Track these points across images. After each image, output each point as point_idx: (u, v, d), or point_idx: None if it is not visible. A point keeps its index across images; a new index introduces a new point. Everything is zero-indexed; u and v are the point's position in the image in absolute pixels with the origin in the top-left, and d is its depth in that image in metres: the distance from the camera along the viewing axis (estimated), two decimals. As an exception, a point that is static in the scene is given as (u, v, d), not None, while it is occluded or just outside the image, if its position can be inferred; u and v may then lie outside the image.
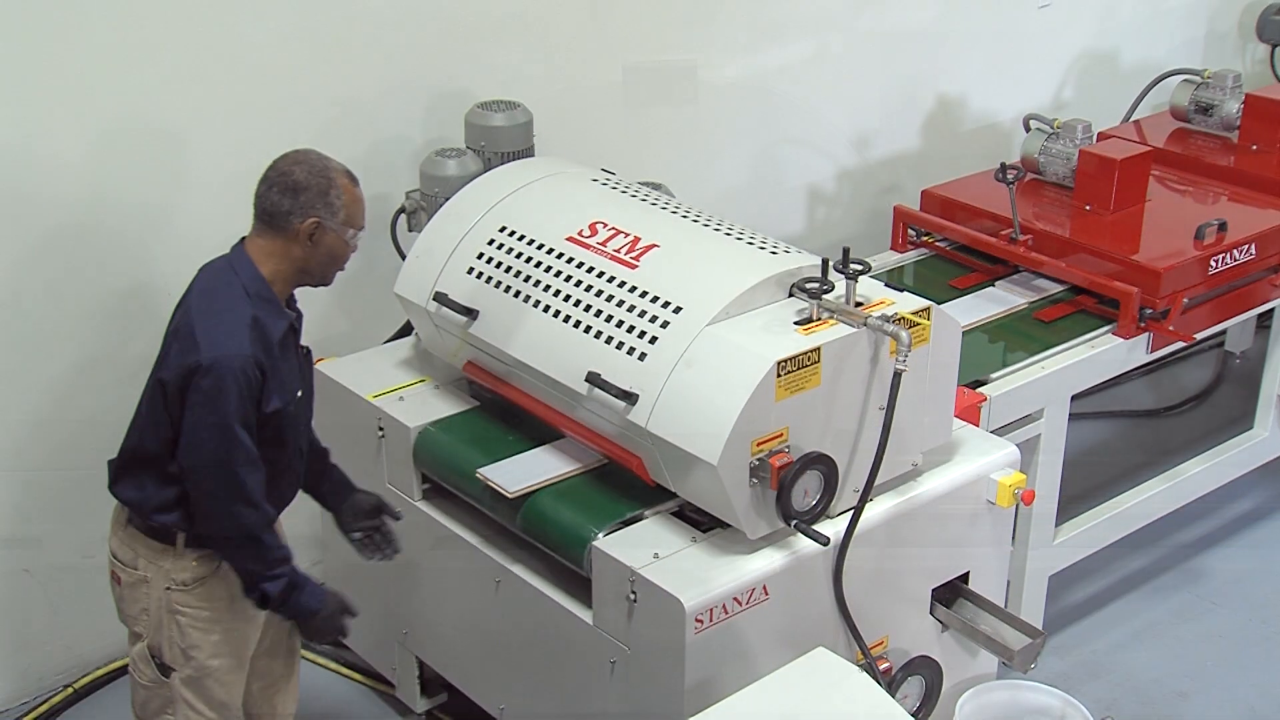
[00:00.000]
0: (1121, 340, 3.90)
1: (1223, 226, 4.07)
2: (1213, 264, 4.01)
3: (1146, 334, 3.93)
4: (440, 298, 3.29)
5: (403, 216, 3.85)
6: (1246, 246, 4.07)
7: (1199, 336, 4.07)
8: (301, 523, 4.05)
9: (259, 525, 2.79)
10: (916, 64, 5.08)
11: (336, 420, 3.55)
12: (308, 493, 3.13)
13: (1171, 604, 4.31)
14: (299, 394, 2.89)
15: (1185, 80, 4.90)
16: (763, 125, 4.76)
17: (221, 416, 2.69)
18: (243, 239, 2.86)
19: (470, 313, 3.23)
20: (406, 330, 3.77)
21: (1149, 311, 3.90)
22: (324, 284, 2.91)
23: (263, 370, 2.74)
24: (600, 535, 2.93)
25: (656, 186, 3.71)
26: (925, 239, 4.42)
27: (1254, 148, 4.65)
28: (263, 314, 2.77)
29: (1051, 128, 4.46)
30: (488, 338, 3.21)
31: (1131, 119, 5.14)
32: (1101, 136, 4.67)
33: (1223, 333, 5.29)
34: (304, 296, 3.92)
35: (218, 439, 2.70)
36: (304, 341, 3.81)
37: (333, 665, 3.91)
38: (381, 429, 3.39)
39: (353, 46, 3.84)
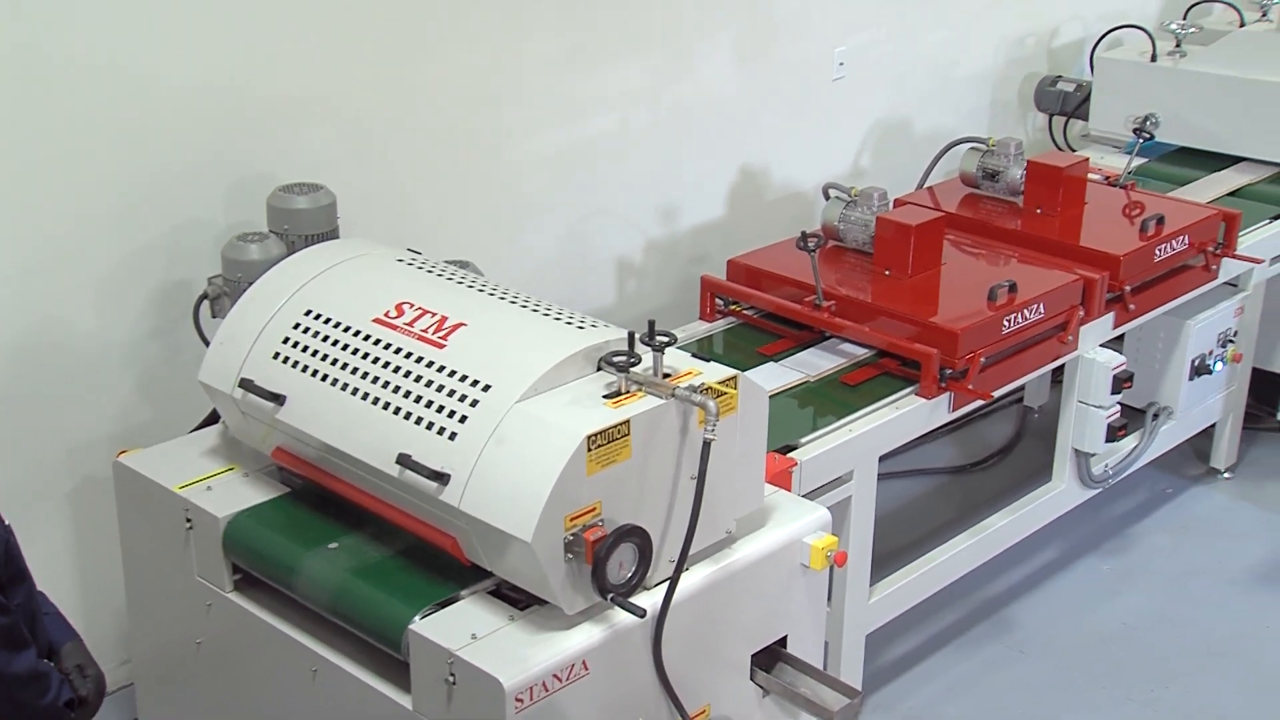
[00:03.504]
0: (924, 400, 4.02)
1: (1013, 287, 4.23)
2: (1006, 323, 4.16)
3: (948, 393, 4.06)
4: (246, 384, 3.23)
5: (205, 302, 3.79)
6: (1036, 305, 4.24)
7: (997, 394, 4.22)
8: (106, 623, 3.95)
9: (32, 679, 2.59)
10: (719, 135, 5.20)
11: (141, 515, 3.47)
12: None
13: (983, 655, 4.43)
14: None
15: (972, 148, 5.10)
16: (570, 199, 4.81)
17: None
18: None
19: (277, 398, 3.18)
20: (213, 418, 3.69)
21: (949, 371, 4.02)
22: None
23: None
24: (417, 618, 2.89)
25: (464, 264, 3.72)
26: (733, 308, 4.50)
27: (1038, 211, 4.86)
28: None
29: (849, 195, 4.59)
30: (296, 423, 3.16)
31: (925, 185, 5.32)
32: (898, 203, 4.83)
33: (1022, 388, 5.49)
34: (101, 386, 3.86)
35: None
36: (100, 432, 3.70)
37: (145, 768, 3.78)
38: (189, 520, 3.30)
39: (151, 129, 3.77)
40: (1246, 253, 4.95)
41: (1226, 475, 5.46)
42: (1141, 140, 5.34)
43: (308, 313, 3.26)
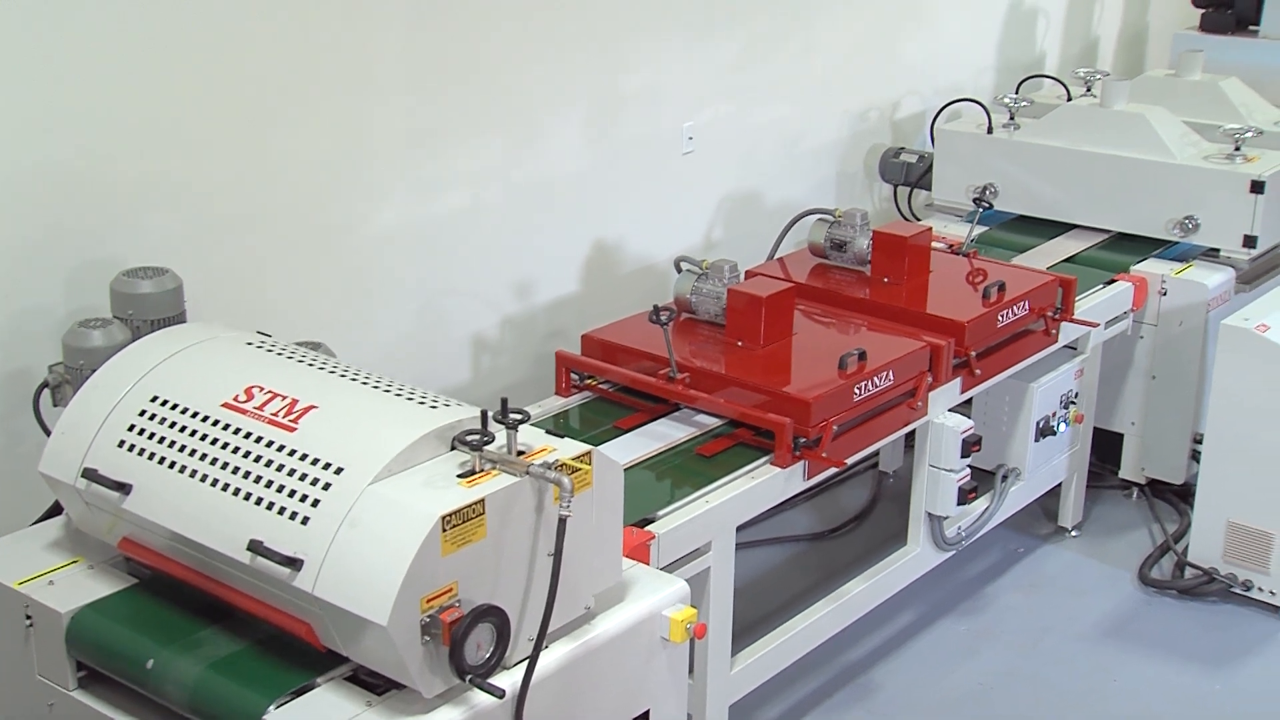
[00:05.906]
0: (779, 469, 4.06)
1: (863, 356, 4.31)
2: (857, 391, 4.24)
3: (802, 462, 4.11)
4: (90, 474, 3.15)
5: (46, 391, 3.68)
6: (885, 373, 4.33)
7: (851, 461, 4.28)
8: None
9: None
10: (572, 211, 5.24)
11: (-21, 612, 3.34)
12: None
13: (845, 721, 4.47)
14: None
15: (820, 219, 5.21)
16: (423, 277, 4.79)
17: None
18: None
19: (123, 487, 3.11)
20: (55, 510, 3.59)
21: (802, 440, 4.08)
22: None
23: None
24: (271, 708, 2.83)
25: (315, 346, 3.68)
26: (589, 382, 4.52)
27: (885, 280, 4.97)
28: None
29: (700, 268, 4.65)
30: (143, 512, 3.09)
31: (775, 256, 5.41)
32: (749, 274, 4.90)
33: (876, 454, 5.58)
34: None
35: None
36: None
37: None
38: (29, 617, 3.20)
39: (-16, 214, 3.68)
40: (1083, 316, 5.13)
41: (1074, 533, 5.61)
42: (981, 209, 5.52)
43: (154, 399, 3.20)
